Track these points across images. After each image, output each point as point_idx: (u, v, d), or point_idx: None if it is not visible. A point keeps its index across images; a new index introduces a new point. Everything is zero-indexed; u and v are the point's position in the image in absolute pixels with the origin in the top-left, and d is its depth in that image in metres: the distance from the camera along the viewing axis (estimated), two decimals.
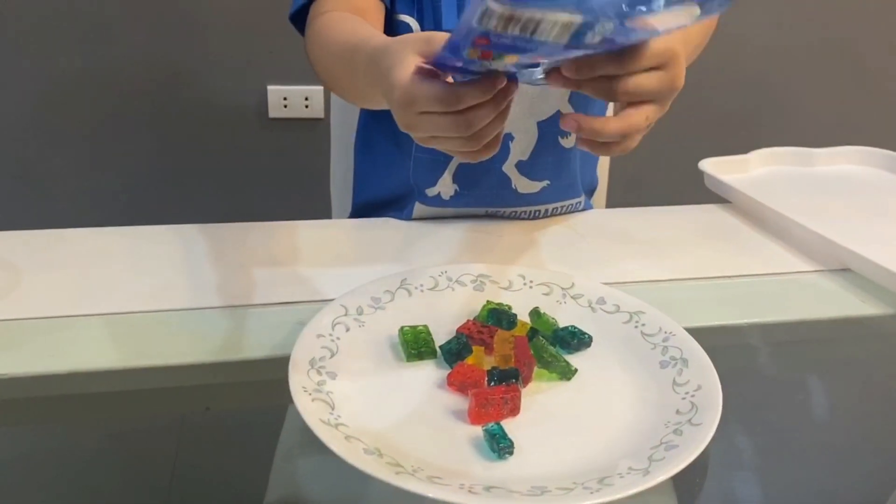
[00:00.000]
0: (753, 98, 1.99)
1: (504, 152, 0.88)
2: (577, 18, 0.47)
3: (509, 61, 0.50)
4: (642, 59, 0.54)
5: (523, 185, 0.89)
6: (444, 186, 0.87)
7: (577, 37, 0.48)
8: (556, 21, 0.47)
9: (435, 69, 0.53)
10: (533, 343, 0.60)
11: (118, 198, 1.80)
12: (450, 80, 0.53)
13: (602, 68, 0.54)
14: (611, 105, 0.94)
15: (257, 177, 1.82)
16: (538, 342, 0.60)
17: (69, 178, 1.78)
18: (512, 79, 0.55)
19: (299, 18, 0.84)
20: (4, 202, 1.76)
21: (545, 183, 0.89)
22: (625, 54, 0.54)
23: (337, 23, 0.76)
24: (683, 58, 0.57)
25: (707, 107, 1.95)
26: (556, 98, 0.87)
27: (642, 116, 0.56)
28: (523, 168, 0.88)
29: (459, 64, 0.52)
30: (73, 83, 1.69)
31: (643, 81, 0.55)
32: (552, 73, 0.55)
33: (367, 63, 0.62)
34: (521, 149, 0.88)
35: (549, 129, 0.87)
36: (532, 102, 0.86)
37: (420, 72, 0.53)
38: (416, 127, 0.54)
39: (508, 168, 0.88)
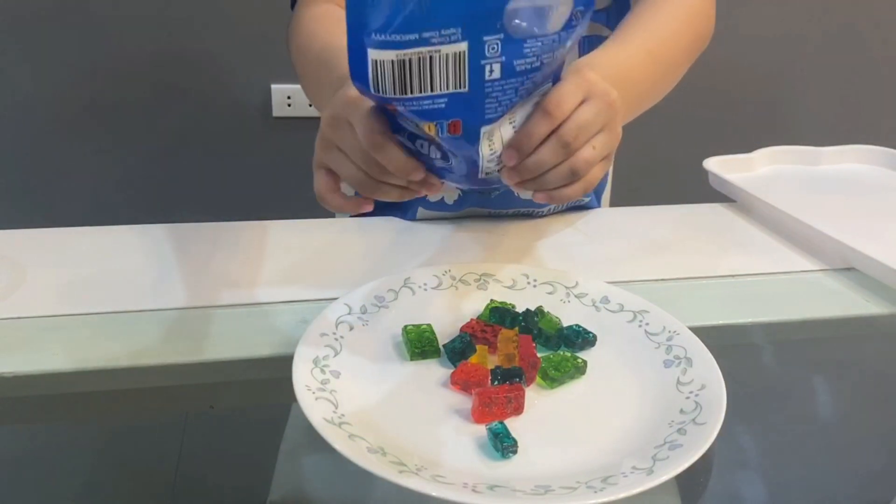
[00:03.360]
0: (758, 96, 1.98)
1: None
2: (463, 46, 0.46)
3: (429, 129, 0.51)
4: (562, 99, 0.54)
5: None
6: (448, 191, 0.87)
7: (474, 74, 0.48)
8: (447, 56, 0.46)
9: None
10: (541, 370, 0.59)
11: (121, 196, 1.81)
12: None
13: (536, 130, 0.54)
14: None
15: (261, 175, 1.82)
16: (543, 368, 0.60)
17: (72, 176, 1.78)
18: (472, 167, 0.55)
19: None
20: (7, 201, 1.76)
21: None
22: (547, 106, 0.54)
23: (320, 21, 0.76)
24: (590, 73, 0.57)
25: (711, 106, 1.94)
26: None
27: (589, 148, 0.57)
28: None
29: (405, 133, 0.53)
30: (75, 81, 1.69)
31: (583, 115, 0.56)
32: (511, 172, 0.56)
33: (337, 84, 0.62)
34: None
35: None
36: None
37: (375, 113, 0.54)
38: (327, 140, 0.57)
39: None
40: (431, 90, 0.48)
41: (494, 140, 0.54)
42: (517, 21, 0.47)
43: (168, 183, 1.81)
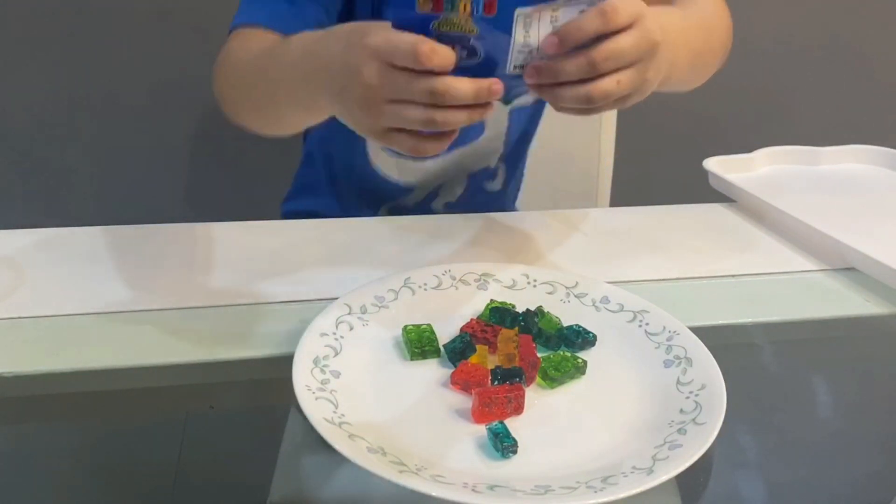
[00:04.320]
0: (758, 96, 1.98)
1: (432, 196, 0.94)
2: None
3: (464, 10, 0.50)
4: (620, 7, 0.53)
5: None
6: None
7: None
8: None
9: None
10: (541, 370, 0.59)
11: (121, 196, 1.81)
12: None
13: (586, 25, 0.53)
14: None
15: (262, 175, 1.82)
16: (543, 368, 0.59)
17: (72, 176, 1.78)
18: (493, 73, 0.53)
19: None
20: (7, 200, 1.76)
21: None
22: (604, 7, 0.53)
23: (252, 38, 0.73)
24: (646, 11, 0.55)
25: (711, 105, 1.94)
26: (489, 156, 0.93)
27: (613, 80, 0.55)
28: (452, 207, 0.95)
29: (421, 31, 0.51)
30: (75, 81, 1.69)
31: (620, 42, 0.54)
32: (532, 69, 0.54)
33: (301, 56, 0.60)
34: (450, 192, 0.94)
35: (478, 177, 0.94)
36: (462, 158, 0.92)
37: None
38: (381, 91, 0.52)
39: (436, 204, 0.94)
40: None
41: (531, 32, 0.52)
42: None
43: (168, 183, 1.80)
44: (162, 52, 1.70)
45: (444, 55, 0.51)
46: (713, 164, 1.00)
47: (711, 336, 0.62)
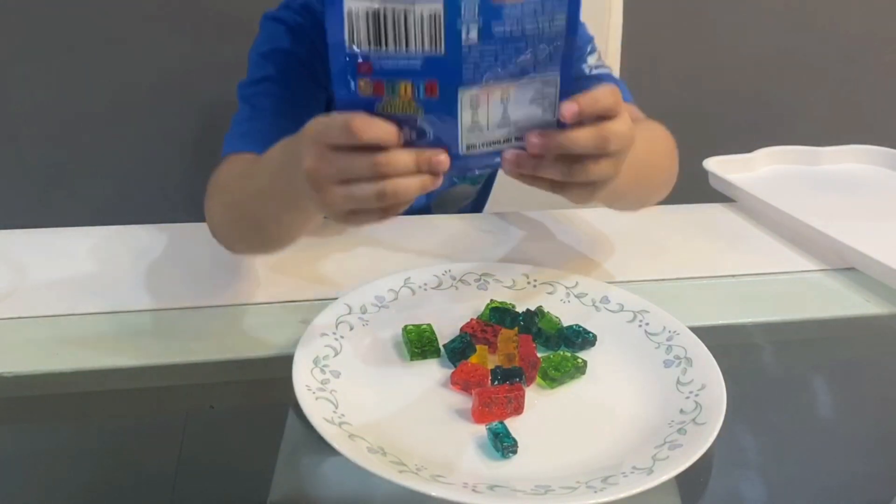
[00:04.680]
0: (758, 96, 1.98)
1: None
2: (438, 6, 0.47)
3: (405, 93, 0.49)
4: (596, 100, 0.52)
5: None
6: None
7: (451, 37, 0.48)
8: (422, 15, 0.47)
9: None
10: (541, 369, 0.59)
11: (120, 197, 1.81)
12: None
13: (602, 97, 0.52)
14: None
15: None
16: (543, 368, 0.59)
17: (71, 176, 1.78)
18: (458, 160, 0.53)
19: None
20: (7, 200, 1.76)
21: None
22: (608, 88, 0.52)
23: (237, 161, 0.72)
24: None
25: (711, 105, 1.94)
26: (461, 199, 0.98)
27: (610, 163, 0.54)
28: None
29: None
30: (75, 83, 1.69)
31: (618, 125, 0.53)
32: (509, 157, 0.53)
33: (280, 156, 0.59)
34: None
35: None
36: (435, 206, 0.95)
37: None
38: (325, 173, 0.51)
39: None
40: (406, 47, 0.48)
41: (479, 113, 0.52)
42: None
43: (168, 183, 1.80)
44: (162, 52, 1.70)
45: (381, 127, 0.50)
46: (713, 164, 1.00)
47: (711, 336, 0.62)
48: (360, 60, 0.49)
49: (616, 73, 1.29)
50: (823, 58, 1.98)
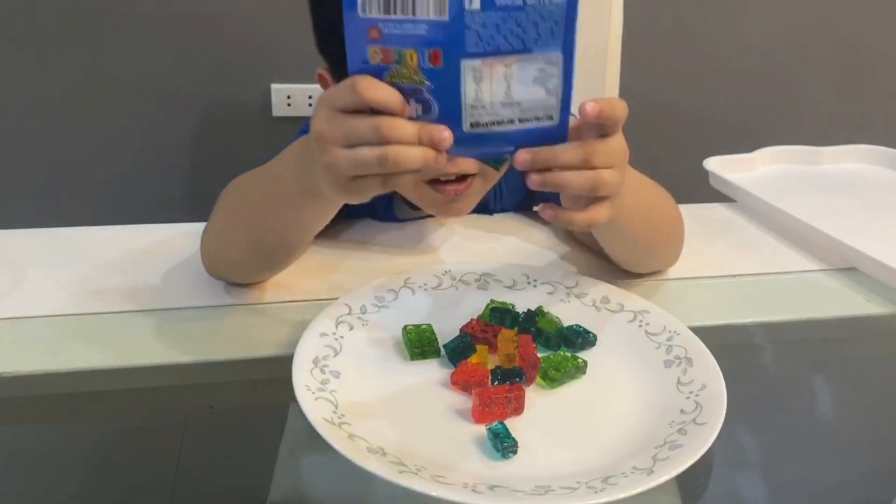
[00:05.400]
0: (759, 96, 1.98)
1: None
2: None
3: (411, 61, 0.52)
4: (613, 107, 0.54)
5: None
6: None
7: (454, 3, 0.51)
8: None
9: None
10: (541, 369, 0.59)
11: (120, 196, 1.80)
12: None
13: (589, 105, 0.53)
14: None
15: None
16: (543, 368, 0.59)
17: (71, 176, 1.78)
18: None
19: None
20: (7, 201, 1.76)
21: None
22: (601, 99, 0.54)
23: (242, 178, 0.72)
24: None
25: (712, 105, 1.94)
26: None
27: (607, 172, 0.55)
28: None
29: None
30: (75, 82, 1.69)
31: (604, 142, 0.55)
32: (521, 154, 0.54)
33: (298, 152, 0.61)
34: None
35: None
36: None
37: None
38: (331, 134, 0.53)
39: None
40: (413, 12, 0.51)
41: (483, 87, 0.54)
42: None
43: (168, 183, 1.80)
44: (162, 52, 1.70)
45: (386, 90, 0.52)
46: (713, 164, 1.00)
47: (712, 336, 0.62)
48: (370, 26, 0.51)
49: (616, 73, 1.30)
50: (823, 58, 1.98)
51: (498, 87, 0.54)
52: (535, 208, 0.57)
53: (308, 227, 0.67)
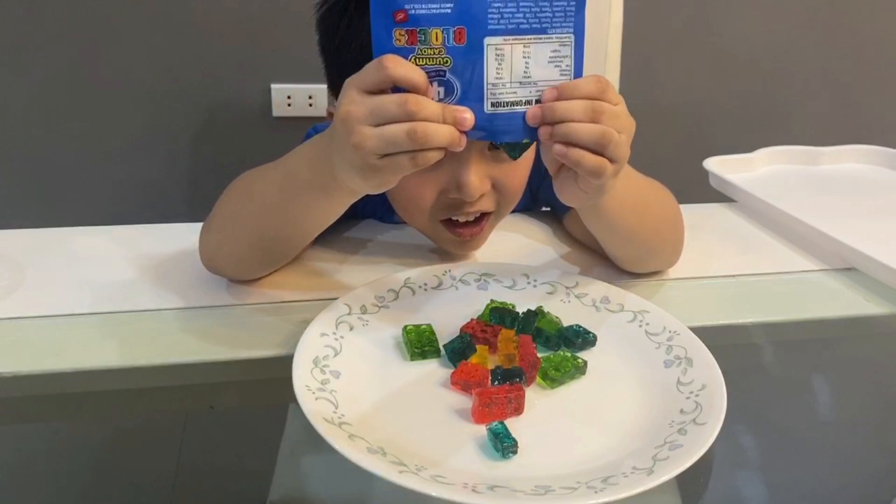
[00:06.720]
0: (758, 96, 1.98)
1: None
2: None
3: (435, 40, 0.54)
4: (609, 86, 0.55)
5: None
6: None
7: None
8: None
9: None
10: (541, 370, 0.59)
11: (121, 197, 1.81)
12: None
13: (583, 87, 0.55)
14: None
15: None
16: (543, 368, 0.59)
17: (72, 176, 1.78)
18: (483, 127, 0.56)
19: None
20: (7, 201, 1.76)
21: None
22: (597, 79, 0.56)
23: (248, 173, 0.71)
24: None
25: (711, 105, 1.94)
26: None
27: (613, 132, 0.56)
28: None
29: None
30: (76, 82, 1.69)
31: (616, 108, 0.56)
32: (535, 111, 0.56)
33: (315, 147, 0.61)
34: None
35: None
36: None
37: None
38: (359, 114, 0.53)
39: None
40: None
41: (504, 65, 0.56)
42: None
43: (168, 183, 1.80)
44: (163, 52, 1.70)
45: (411, 68, 0.53)
46: (713, 164, 1.00)
47: (712, 336, 0.62)
48: (396, 9, 0.53)
49: (616, 72, 1.30)
50: (823, 58, 1.98)
51: (518, 66, 0.56)
52: (549, 153, 0.57)
53: (315, 224, 0.67)
